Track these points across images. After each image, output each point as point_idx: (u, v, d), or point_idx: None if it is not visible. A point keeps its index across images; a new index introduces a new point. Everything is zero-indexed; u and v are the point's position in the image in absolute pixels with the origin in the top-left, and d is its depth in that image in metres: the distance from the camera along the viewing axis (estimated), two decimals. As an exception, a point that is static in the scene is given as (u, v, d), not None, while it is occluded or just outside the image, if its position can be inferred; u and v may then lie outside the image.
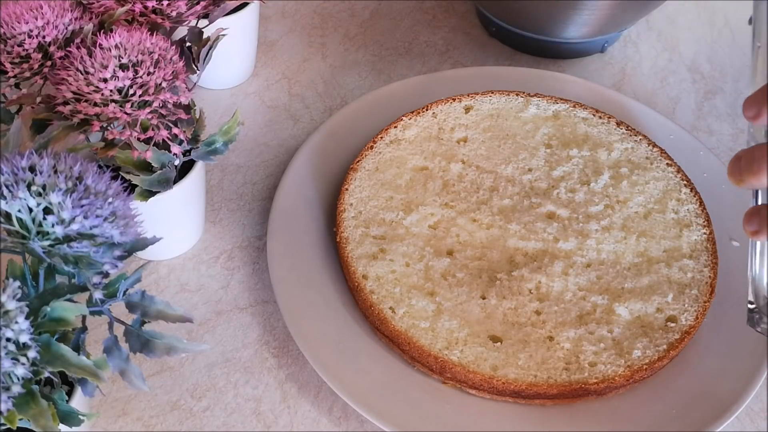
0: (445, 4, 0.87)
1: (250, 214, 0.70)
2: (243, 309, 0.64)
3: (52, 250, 0.42)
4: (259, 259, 0.67)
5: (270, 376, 0.61)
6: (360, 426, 0.58)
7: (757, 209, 0.43)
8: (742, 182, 0.43)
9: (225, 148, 0.59)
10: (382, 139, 0.69)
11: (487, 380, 0.56)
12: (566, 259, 0.62)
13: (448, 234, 0.63)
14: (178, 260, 0.67)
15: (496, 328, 0.59)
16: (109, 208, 0.43)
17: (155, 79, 0.52)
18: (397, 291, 0.60)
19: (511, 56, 0.82)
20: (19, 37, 0.53)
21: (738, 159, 0.43)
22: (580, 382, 0.56)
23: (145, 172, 0.56)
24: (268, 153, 0.74)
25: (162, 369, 0.61)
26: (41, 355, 0.42)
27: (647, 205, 0.66)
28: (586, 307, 0.60)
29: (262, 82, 0.80)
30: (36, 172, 0.43)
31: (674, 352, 0.58)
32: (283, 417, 0.59)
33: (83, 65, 0.51)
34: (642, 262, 0.62)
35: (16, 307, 0.40)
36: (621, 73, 0.82)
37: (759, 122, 0.43)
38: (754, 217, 0.43)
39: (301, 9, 0.86)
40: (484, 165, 0.68)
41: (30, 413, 0.41)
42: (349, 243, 0.62)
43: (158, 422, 0.58)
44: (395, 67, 0.81)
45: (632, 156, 0.69)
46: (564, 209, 0.65)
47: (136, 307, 0.46)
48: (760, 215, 0.43)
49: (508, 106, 0.72)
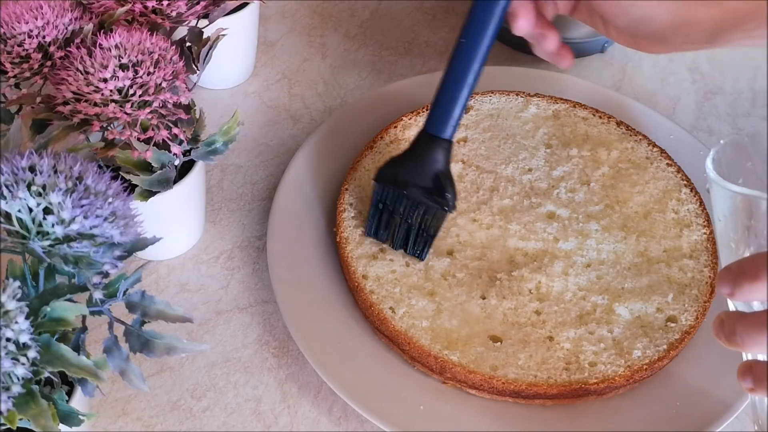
0: (445, 4, 0.87)
1: (250, 214, 0.70)
2: (243, 309, 0.64)
3: (52, 250, 0.42)
4: (259, 259, 0.67)
5: (270, 376, 0.61)
6: (360, 426, 0.58)
7: (749, 365, 0.43)
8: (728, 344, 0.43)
9: (225, 148, 0.59)
10: (382, 139, 0.69)
11: (487, 380, 0.56)
12: (566, 259, 0.62)
13: (448, 234, 0.63)
14: (178, 260, 0.67)
15: (496, 328, 0.59)
16: (109, 208, 0.43)
17: (155, 79, 0.52)
18: (397, 291, 0.60)
19: (511, 56, 0.82)
20: (19, 37, 0.53)
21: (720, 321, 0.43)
22: (580, 382, 0.56)
23: (145, 172, 0.56)
24: (268, 153, 0.74)
25: (162, 369, 0.61)
26: (41, 355, 0.42)
27: (647, 205, 0.66)
28: (586, 307, 0.60)
29: (262, 82, 0.80)
30: (36, 172, 0.43)
31: (674, 352, 0.58)
32: (283, 417, 0.59)
33: (83, 65, 0.51)
34: (642, 262, 0.62)
35: (16, 307, 0.40)
36: (621, 73, 0.82)
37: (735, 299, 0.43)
38: (747, 375, 0.43)
39: (301, 9, 0.86)
40: (484, 165, 0.68)
41: (30, 413, 0.41)
42: (349, 243, 0.62)
43: (158, 422, 0.58)
44: (395, 67, 0.81)
45: (632, 156, 0.68)
46: (564, 209, 0.65)
47: (136, 307, 0.46)
48: (753, 372, 0.43)
49: (508, 106, 0.72)
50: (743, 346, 0.42)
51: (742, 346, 0.42)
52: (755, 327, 0.41)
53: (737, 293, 0.42)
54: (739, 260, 0.42)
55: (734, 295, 0.42)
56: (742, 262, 0.42)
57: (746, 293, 0.41)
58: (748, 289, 0.41)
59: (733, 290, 0.42)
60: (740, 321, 0.42)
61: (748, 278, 0.41)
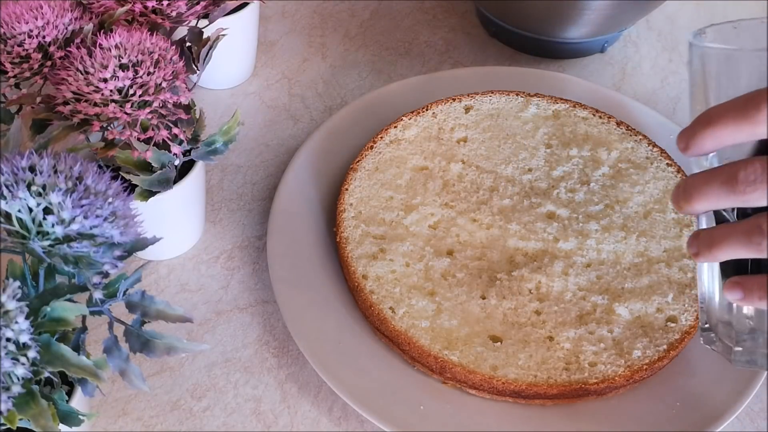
0: (445, 4, 0.87)
1: (250, 214, 0.70)
2: (243, 309, 0.64)
3: (52, 250, 0.42)
4: (259, 259, 0.67)
5: (270, 376, 0.61)
6: (360, 426, 0.58)
7: (697, 233, 0.45)
8: (680, 209, 0.46)
9: (225, 148, 0.59)
10: (382, 139, 0.69)
11: (487, 380, 0.56)
12: (566, 259, 0.62)
13: (448, 234, 0.63)
14: (178, 260, 0.67)
15: (496, 328, 0.59)
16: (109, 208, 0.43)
17: (155, 79, 0.52)
18: (397, 291, 0.60)
19: (511, 56, 0.82)
20: (19, 37, 0.53)
21: (678, 187, 0.46)
22: (580, 382, 0.56)
23: (145, 172, 0.56)
24: (268, 153, 0.74)
25: (162, 369, 0.61)
26: (41, 355, 0.42)
27: (647, 205, 0.66)
28: (586, 307, 0.60)
29: (262, 82, 0.80)
30: (36, 172, 0.43)
31: (674, 352, 0.58)
32: (283, 417, 0.59)
33: (83, 65, 0.51)
34: (642, 262, 0.62)
35: (16, 307, 0.40)
36: (621, 73, 0.82)
37: (688, 154, 0.45)
38: (694, 240, 0.45)
39: (301, 9, 0.86)
40: (484, 165, 0.68)
41: (30, 413, 0.41)
42: (349, 243, 0.62)
43: (158, 422, 0.58)
44: (395, 67, 0.81)
45: (632, 156, 0.68)
46: (564, 209, 0.65)
47: (136, 307, 0.46)
48: (699, 238, 0.45)
49: (508, 106, 0.72)
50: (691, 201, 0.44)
51: (690, 200, 0.44)
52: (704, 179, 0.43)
53: (691, 144, 0.44)
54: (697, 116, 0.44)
55: (688, 147, 0.44)
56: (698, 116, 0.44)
57: (698, 142, 0.43)
58: (700, 135, 0.43)
59: (687, 142, 0.44)
60: (691, 177, 0.44)
61: (701, 126, 0.43)
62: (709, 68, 0.46)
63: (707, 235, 0.44)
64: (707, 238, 0.44)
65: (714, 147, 0.44)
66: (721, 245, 0.43)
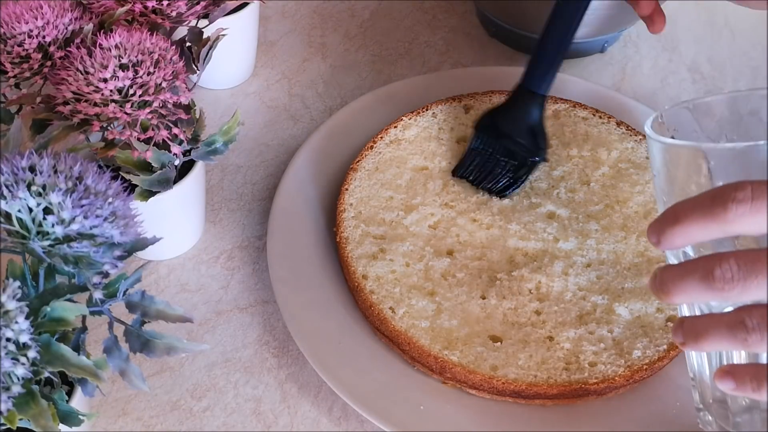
0: (445, 4, 0.87)
1: (250, 214, 0.70)
2: (243, 309, 0.64)
3: (52, 250, 0.42)
4: (259, 259, 0.67)
5: (270, 376, 0.61)
6: (360, 426, 0.58)
7: (681, 321, 0.45)
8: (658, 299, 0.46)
9: (225, 148, 0.59)
10: (382, 139, 0.69)
11: (487, 380, 0.56)
12: (566, 259, 0.62)
13: (448, 234, 0.63)
14: (178, 260, 0.67)
15: (496, 328, 0.59)
16: (109, 208, 0.43)
17: (155, 79, 0.52)
18: (397, 291, 0.60)
19: (511, 56, 0.82)
20: (19, 37, 0.53)
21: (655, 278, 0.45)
22: (580, 382, 0.56)
23: (145, 172, 0.56)
24: (268, 153, 0.74)
25: (162, 369, 0.61)
26: (41, 355, 0.42)
27: (647, 205, 0.66)
28: (586, 307, 0.60)
29: (262, 82, 0.80)
30: (36, 172, 0.43)
31: (674, 352, 0.58)
32: (283, 417, 0.59)
33: (83, 65, 0.51)
34: (642, 262, 0.62)
35: (16, 307, 0.41)
36: (621, 73, 0.82)
37: (660, 248, 0.44)
38: (678, 329, 0.45)
39: (301, 9, 0.86)
40: (484, 165, 0.68)
41: (30, 413, 0.41)
42: (349, 243, 0.62)
43: (158, 422, 0.58)
44: (395, 67, 0.81)
45: (632, 156, 0.68)
46: (564, 209, 0.65)
47: (136, 307, 0.46)
48: (683, 328, 0.44)
49: (508, 106, 0.72)
50: (669, 295, 0.43)
51: (668, 294, 0.43)
52: (680, 275, 0.43)
53: (662, 240, 0.43)
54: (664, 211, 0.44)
55: (660, 242, 0.43)
56: (665, 212, 0.44)
57: (668, 238, 0.43)
58: (669, 233, 0.43)
59: (658, 238, 0.43)
60: (667, 270, 0.44)
61: (669, 223, 0.43)
62: (666, 158, 0.46)
63: (691, 325, 0.44)
64: (691, 330, 0.44)
65: (685, 243, 0.43)
66: (707, 338, 0.43)
